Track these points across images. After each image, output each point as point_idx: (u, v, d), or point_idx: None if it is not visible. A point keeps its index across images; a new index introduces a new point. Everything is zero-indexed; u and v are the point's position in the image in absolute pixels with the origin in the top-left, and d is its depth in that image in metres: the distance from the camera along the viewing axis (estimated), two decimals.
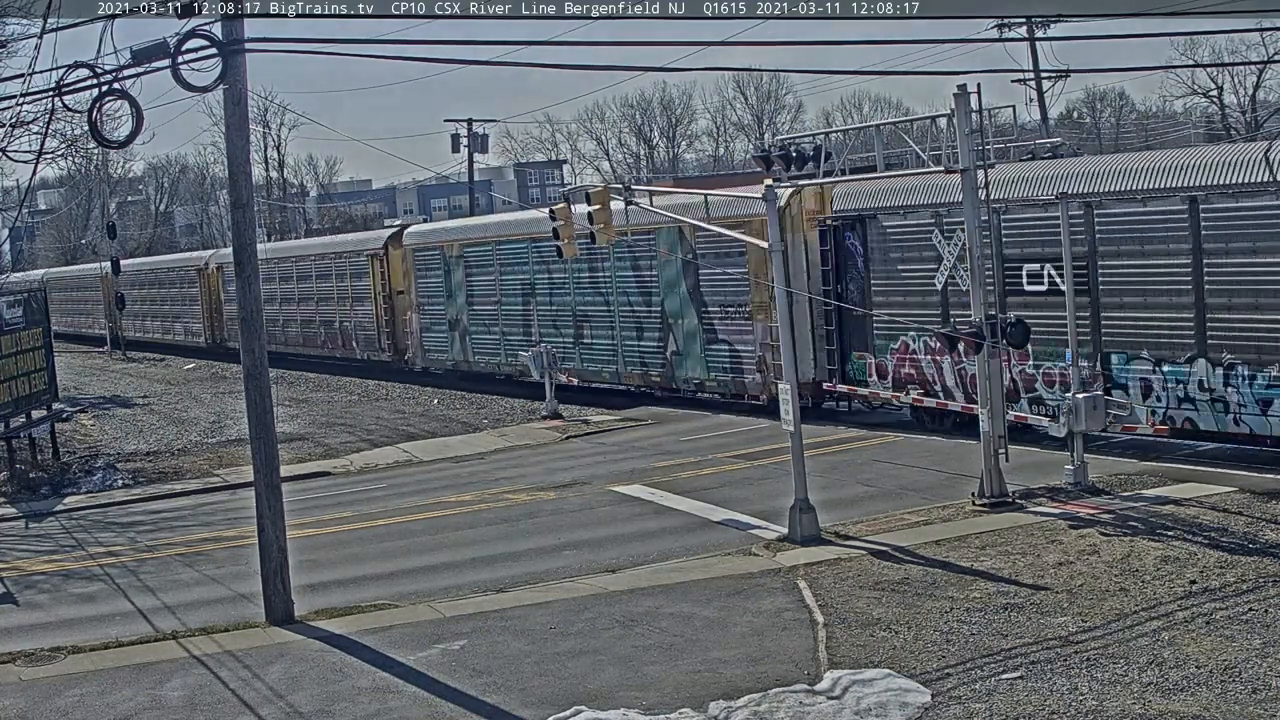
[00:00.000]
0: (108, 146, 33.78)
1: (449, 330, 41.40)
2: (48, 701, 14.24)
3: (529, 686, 13.52)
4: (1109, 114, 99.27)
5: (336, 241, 54.48)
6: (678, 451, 26.69)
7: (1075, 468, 20.06)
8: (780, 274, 19.56)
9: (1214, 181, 20.92)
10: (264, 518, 16.76)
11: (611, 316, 34.24)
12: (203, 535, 22.70)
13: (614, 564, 18.28)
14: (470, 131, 69.04)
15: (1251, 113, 71.72)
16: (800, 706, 12.32)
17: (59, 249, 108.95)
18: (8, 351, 28.87)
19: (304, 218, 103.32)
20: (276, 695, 13.86)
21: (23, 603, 18.92)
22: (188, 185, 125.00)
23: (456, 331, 40.92)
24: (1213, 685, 12.11)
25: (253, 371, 16.88)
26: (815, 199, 28.73)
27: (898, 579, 16.27)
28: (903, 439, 25.64)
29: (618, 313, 34.00)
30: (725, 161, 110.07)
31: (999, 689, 12.39)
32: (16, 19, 32.50)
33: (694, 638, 14.66)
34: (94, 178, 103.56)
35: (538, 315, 37.04)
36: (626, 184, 27.07)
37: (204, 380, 50.71)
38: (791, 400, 18.80)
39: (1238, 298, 20.80)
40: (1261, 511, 17.93)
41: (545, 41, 25.89)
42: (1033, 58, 54.40)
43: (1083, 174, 23.49)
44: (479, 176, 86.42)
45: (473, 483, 25.54)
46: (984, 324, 19.45)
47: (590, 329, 35.12)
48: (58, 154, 36.11)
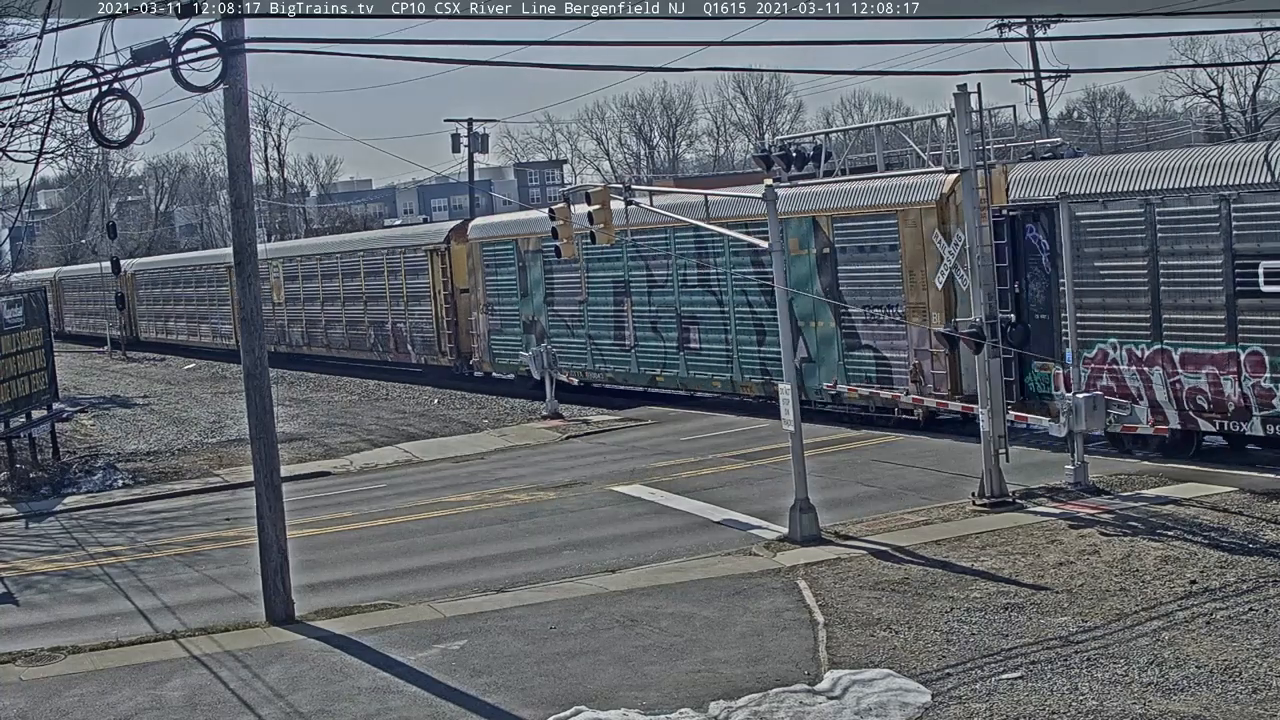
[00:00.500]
0: (108, 146, 33.87)
1: (523, 332, 37.45)
2: (48, 701, 14.24)
3: (529, 686, 13.52)
4: (1109, 114, 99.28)
5: (389, 236, 50.09)
6: (678, 451, 26.69)
7: (1075, 468, 20.05)
8: (780, 274, 19.53)
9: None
10: (264, 518, 16.76)
11: (725, 318, 30.50)
12: (202, 535, 22.70)
13: (614, 564, 18.28)
14: (470, 131, 69.03)
15: (1251, 113, 71.70)
16: (800, 706, 12.32)
17: (59, 249, 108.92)
18: (8, 351, 28.87)
19: (304, 218, 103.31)
20: (276, 695, 13.86)
21: (23, 603, 18.92)
22: (188, 185, 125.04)
23: (532, 334, 36.92)
24: (1213, 685, 12.11)
25: (253, 371, 16.88)
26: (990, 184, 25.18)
27: (898, 579, 16.27)
28: (903, 439, 25.63)
29: (733, 314, 30.25)
30: (725, 161, 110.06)
31: (999, 689, 12.39)
32: (16, 19, 32.50)
33: (694, 638, 14.66)
34: (94, 178, 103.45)
35: (633, 316, 33.36)
36: (627, 184, 27.02)
37: (204, 380, 50.70)
38: (792, 400, 18.79)
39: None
40: (1261, 511, 17.93)
41: (545, 41, 25.85)
42: (1033, 58, 54.47)
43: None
44: (479, 176, 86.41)
45: (473, 483, 25.54)
46: (984, 324, 19.46)
47: (699, 332, 31.38)
48: (58, 154, 36.23)
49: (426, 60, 59.82)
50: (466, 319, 40.68)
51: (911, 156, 23.39)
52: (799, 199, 26.58)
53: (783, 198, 23.43)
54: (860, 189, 24.31)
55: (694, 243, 30.50)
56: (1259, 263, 19.94)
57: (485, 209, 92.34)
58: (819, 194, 25.89)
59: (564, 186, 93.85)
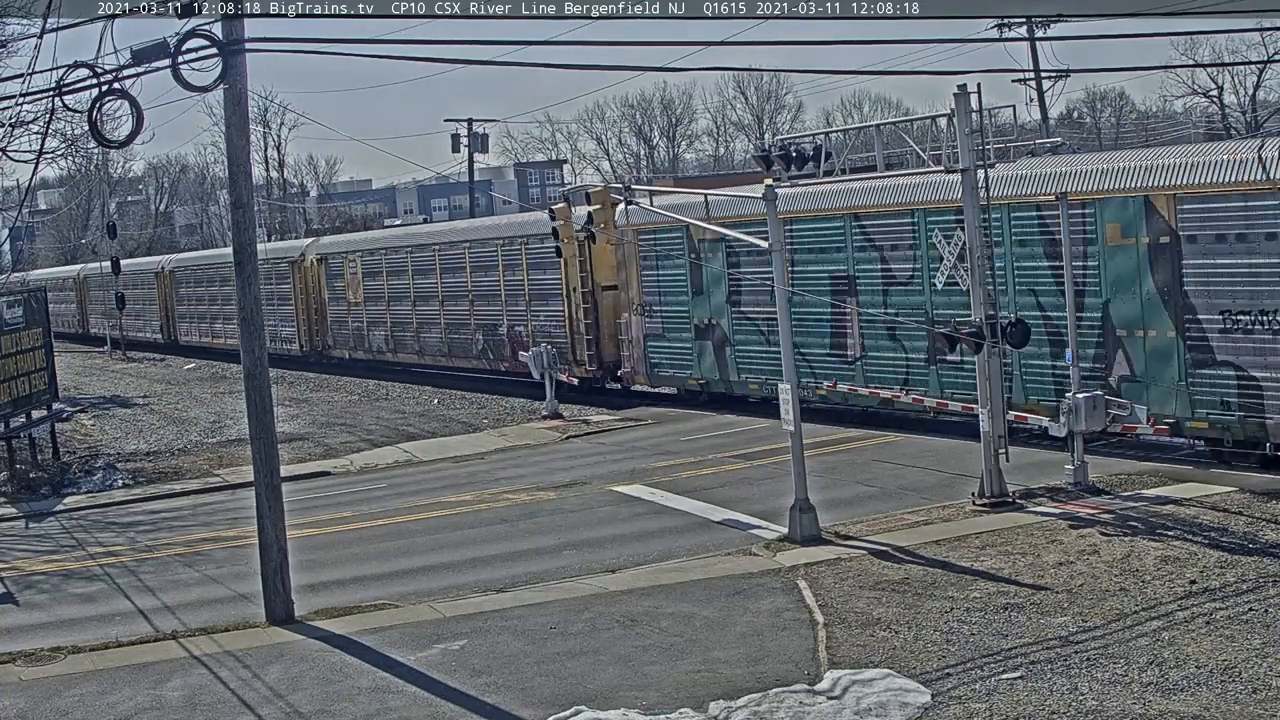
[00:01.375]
0: (108, 146, 33.86)
1: (695, 338, 31.51)
2: (48, 701, 14.24)
3: (529, 686, 13.52)
4: (1109, 114, 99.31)
5: (506, 224, 41.83)
6: (677, 451, 26.68)
7: (1075, 468, 20.05)
8: (780, 274, 19.53)
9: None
10: (264, 518, 16.76)
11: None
12: (202, 535, 22.70)
13: (614, 564, 18.28)
14: (470, 131, 69.11)
15: (1251, 113, 71.72)
16: (800, 706, 12.32)
17: (59, 249, 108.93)
18: (8, 351, 28.87)
19: (304, 218, 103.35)
20: (276, 695, 13.86)
21: (23, 603, 18.92)
22: (188, 185, 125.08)
23: (709, 340, 31.06)
24: (1213, 685, 12.11)
25: (252, 371, 16.88)
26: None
27: (898, 579, 16.27)
28: (903, 439, 25.63)
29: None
30: (725, 161, 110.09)
31: (999, 689, 12.39)
32: (16, 19, 32.51)
33: (694, 638, 14.66)
34: (94, 178, 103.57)
35: (860, 321, 27.12)
36: (627, 184, 26.93)
37: (204, 380, 50.67)
38: (792, 400, 18.79)
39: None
40: (1261, 511, 17.94)
41: (545, 41, 25.75)
42: (1033, 58, 54.49)
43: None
44: (479, 176, 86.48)
45: (473, 483, 25.53)
46: (984, 324, 19.45)
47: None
48: (58, 154, 36.19)
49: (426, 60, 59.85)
50: (614, 321, 34.40)
51: (911, 156, 23.34)
52: (1123, 174, 21.69)
53: (1103, 170, 21.58)
54: (1220, 160, 19.71)
55: (950, 225, 24.21)
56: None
57: (485, 209, 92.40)
58: (1154, 167, 21.25)
59: (564, 186, 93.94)
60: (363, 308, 46.28)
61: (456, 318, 40.71)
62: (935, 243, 25.04)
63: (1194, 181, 20.64)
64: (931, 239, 25.07)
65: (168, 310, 64.27)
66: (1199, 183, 20.42)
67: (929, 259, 25.28)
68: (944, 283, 25.00)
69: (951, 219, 23.88)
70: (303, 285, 50.28)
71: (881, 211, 25.95)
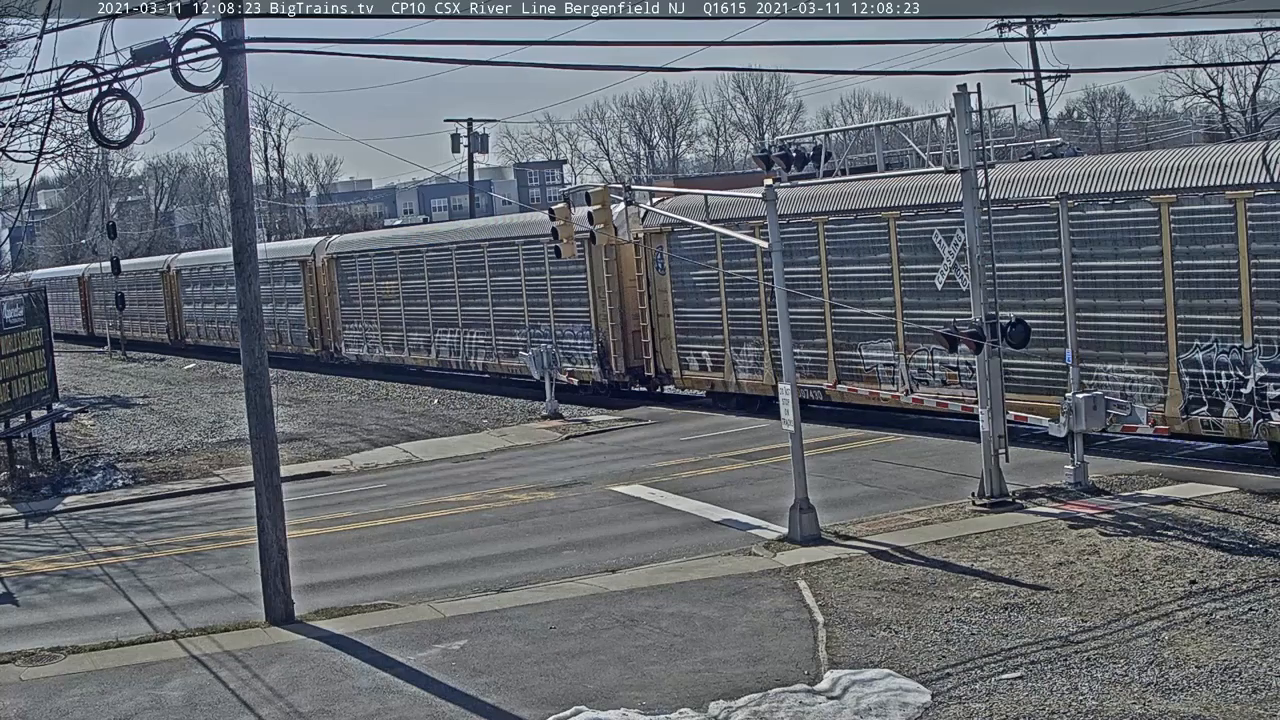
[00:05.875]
0: (108, 146, 33.83)
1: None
2: (48, 701, 14.24)
3: (529, 686, 13.52)
4: (1109, 114, 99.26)
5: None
6: (678, 451, 26.68)
7: (1075, 468, 20.05)
8: (780, 274, 19.53)
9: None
10: (264, 518, 16.76)
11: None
12: (202, 535, 22.70)
13: (614, 564, 18.28)
14: (470, 131, 69.12)
15: (1251, 113, 71.70)
16: (800, 706, 12.32)
17: (59, 249, 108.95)
18: (8, 351, 28.87)
19: (304, 218, 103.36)
20: (276, 695, 13.86)
21: (23, 603, 18.92)
22: (188, 185, 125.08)
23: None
24: (1213, 685, 12.11)
25: (253, 371, 16.88)
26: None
27: (898, 579, 16.27)
28: (903, 438, 25.63)
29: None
30: (725, 161, 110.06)
31: (999, 689, 12.39)
32: (16, 19, 32.53)
33: (694, 638, 14.66)
34: (94, 178, 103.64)
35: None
36: (627, 184, 26.94)
37: (204, 380, 50.66)
38: (791, 400, 18.79)
39: None
40: (1261, 511, 17.93)
41: (545, 41, 25.73)
42: (1033, 58, 54.55)
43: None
44: (479, 176, 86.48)
45: (473, 483, 25.53)
46: (985, 324, 19.44)
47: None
48: (58, 154, 36.15)
49: (426, 60, 59.88)
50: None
51: (911, 156, 23.32)
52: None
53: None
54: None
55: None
56: None
57: (485, 209, 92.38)
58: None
59: (564, 186, 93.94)
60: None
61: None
62: (936, 243, 25.08)
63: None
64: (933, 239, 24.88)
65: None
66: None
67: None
68: (944, 283, 25.06)
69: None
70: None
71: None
